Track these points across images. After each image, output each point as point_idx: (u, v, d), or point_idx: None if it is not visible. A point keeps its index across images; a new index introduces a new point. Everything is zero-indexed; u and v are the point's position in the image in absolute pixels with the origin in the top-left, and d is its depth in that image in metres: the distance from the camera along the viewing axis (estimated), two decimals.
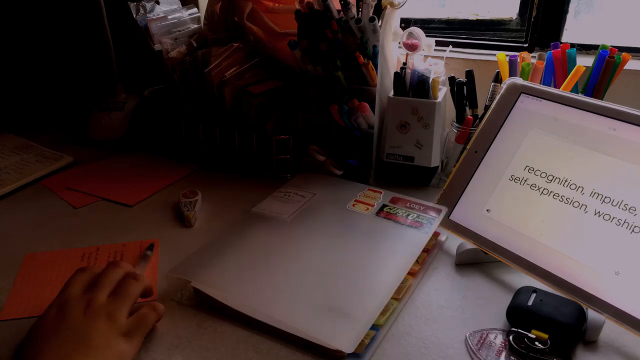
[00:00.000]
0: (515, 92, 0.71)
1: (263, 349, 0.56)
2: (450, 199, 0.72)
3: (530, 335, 0.54)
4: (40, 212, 0.82)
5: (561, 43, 0.81)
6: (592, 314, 0.56)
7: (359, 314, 0.57)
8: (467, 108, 0.84)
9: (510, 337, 0.55)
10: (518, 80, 0.73)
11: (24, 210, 0.83)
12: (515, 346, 0.54)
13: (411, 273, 0.66)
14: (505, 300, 0.59)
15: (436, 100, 0.83)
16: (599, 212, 0.60)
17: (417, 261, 0.68)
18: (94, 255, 0.71)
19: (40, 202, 0.85)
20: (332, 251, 0.68)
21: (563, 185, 0.63)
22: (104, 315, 0.53)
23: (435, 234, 0.72)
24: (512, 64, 0.81)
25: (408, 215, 0.72)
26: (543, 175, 0.65)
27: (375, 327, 0.58)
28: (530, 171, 0.66)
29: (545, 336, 0.54)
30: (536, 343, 0.53)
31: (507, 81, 0.73)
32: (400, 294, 0.63)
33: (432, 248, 0.72)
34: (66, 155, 1.00)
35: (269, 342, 0.57)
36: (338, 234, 0.71)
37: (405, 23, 0.98)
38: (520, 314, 0.57)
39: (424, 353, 0.55)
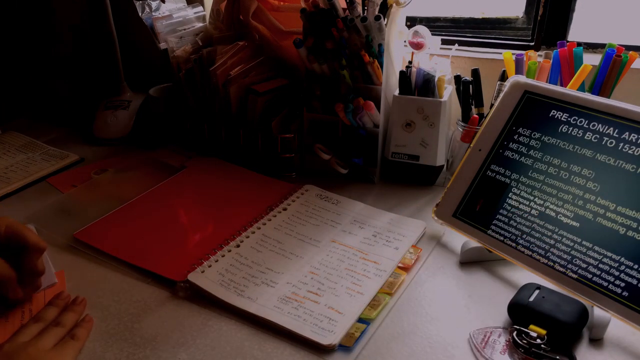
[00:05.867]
0: (519, 90, 0.71)
1: (268, 347, 0.56)
2: (454, 197, 0.72)
3: (528, 331, 0.54)
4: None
5: (568, 41, 0.81)
6: (597, 311, 0.56)
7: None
8: (472, 107, 0.84)
9: (514, 334, 0.55)
10: (521, 78, 0.72)
11: (30, 208, 0.83)
12: (519, 341, 0.54)
13: (404, 268, 0.67)
14: (510, 298, 0.59)
15: (442, 99, 0.83)
16: (604, 213, 0.59)
17: (410, 257, 0.69)
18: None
19: (46, 200, 0.85)
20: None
21: (566, 184, 0.63)
22: (23, 351, 0.53)
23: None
24: (519, 62, 0.80)
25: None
26: (548, 173, 0.65)
27: (365, 321, 0.59)
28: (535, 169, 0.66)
29: (544, 332, 0.54)
30: (538, 340, 0.53)
31: (511, 79, 0.72)
32: (392, 289, 0.63)
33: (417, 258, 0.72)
34: (72, 153, 1.00)
35: (274, 341, 0.57)
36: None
37: (411, 21, 0.98)
38: (519, 310, 0.57)
39: (429, 352, 0.55)
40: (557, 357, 0.53)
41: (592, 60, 0.78)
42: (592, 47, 0.92)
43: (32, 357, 0.52)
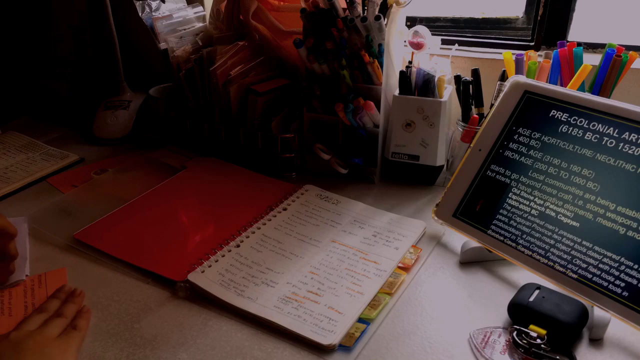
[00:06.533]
0: (519, 90, 0.71)
1: (268, 347, 0.56)
2: (454, 197, 0.72)
3: (528, 331, 0.54)
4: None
5: (568, 41, 0.81)
6: (597, 311, 0.56)
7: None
8: (472, 107, 0.84)
9: (514, 334, 0.55)
10: (521, 78, 0.72)
11: (30, 208, 0.83)
12: (519, 341, 0.54)
13: (404, 268, 0.67)
14: (510, 298, 0.59)
15: (442, 99, 0.83)
16: (604, 213, 0.59)
17: (410, 257, 0.69)
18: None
19: (46, 200, 0.85)
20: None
21: (566, 184, 0.63)
22: (30, 339, 0.54)
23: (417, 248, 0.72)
24: (519, 62, 0.80)
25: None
26: (548, 173, 0.65)
27: (365, 321, 0.59)
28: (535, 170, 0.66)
29: (544, 332, 0.54)
30: (538, 340, 0.53)
31: (511, 79, 0.72)
32: (392, 289, 0.63)
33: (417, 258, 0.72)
34: (72, 153, 1.00)
35: (274, 341, 0.57)
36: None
37: (411, 21, 0.98)
38: (519, 310, 0.57)
39: (430, 352, 0.55)
40: (557, 357, 0.53)
41: (592, 60, 0.78)
42: (592, 47, 0.92)
43: (39, 344, 0.53)
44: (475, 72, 0.82)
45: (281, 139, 0.89)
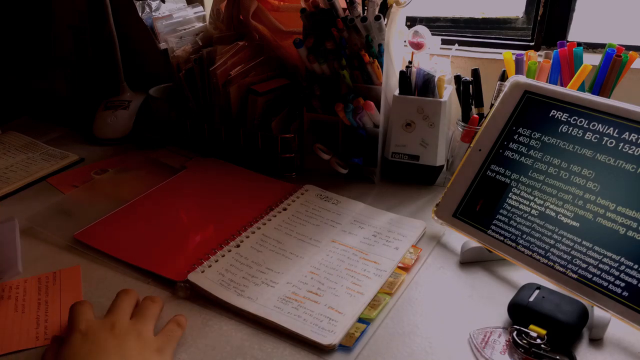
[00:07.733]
0: (519, 90, 0.71)
1: (268, 347, 0.56)
2: (454, 197, 0.72)
3: (528, 331, 0.54)
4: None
5: (568, 41, 0.81)
6: (597, 311, 0.56)
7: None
8: (472, 107, 0.84)
9: (514, 334, 0.55)
10: (521, 78, 0.72)
11: (30, 208, 0.83)
12: (519, 341, 0.54)
13: (404, 268, 0.67)
14: (510, 298, 0.59)
15: (442, 99, 0.83)
16: (604, 213, 0.59)
17: (410, 257, 0.69)
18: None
19: (46, 200, 0.85)
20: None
21: (566, 184, 0.63)
22: (133, 334, 0.53)
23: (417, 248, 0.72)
24: (519, 62, 0.80)
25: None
26: (548, 173, 0.65)
27: (365, 321, 0.59)
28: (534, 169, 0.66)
29: (544, 332, 0.54)
30: (538, 340, 0.53)
31: (511, 79, 0.72)
32: (392, 289, 0.63)
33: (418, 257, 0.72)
34: (72, 153, 1.00)
35: (274, 341, 0.57)
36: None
37: (411, 21, 0.98)
38: (519, 310, 0.57)
39: (429, 352, 0.55)
40: (557, 357, 0.53)
41: (592, 60, 0.78)
42: (592, 47, 0.92)
43: (141, 345, 0.52)
44: (475, 72, 0.82)
45: (281, 139, 0.89)
